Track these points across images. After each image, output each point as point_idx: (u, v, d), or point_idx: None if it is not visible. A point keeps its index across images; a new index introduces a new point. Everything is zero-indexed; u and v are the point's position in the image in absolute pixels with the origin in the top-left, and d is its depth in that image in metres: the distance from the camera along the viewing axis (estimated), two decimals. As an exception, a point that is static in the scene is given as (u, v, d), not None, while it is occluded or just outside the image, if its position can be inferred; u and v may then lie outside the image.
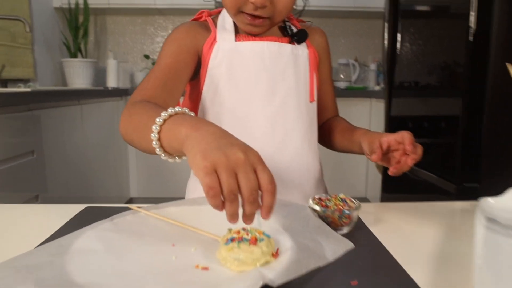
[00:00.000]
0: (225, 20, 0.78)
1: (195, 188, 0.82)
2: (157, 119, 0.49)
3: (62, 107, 1.76)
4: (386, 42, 2.03)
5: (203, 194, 0.74)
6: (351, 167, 2.70)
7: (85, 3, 2.71)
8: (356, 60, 3.08)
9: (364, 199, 2.77)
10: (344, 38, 3.20)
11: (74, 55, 2.75)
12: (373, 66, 3.03)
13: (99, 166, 2.19)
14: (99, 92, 2.18)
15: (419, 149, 0.63)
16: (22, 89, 1.77)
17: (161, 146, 0.50)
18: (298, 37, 0.80)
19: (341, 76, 3.06)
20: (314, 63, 0.82)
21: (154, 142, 0.50)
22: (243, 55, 0.75)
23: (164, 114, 0.49)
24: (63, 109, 1.77)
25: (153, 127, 0.49)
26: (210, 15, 0.81)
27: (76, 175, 1.89)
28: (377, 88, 2.92)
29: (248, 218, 0.42)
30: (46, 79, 2.66)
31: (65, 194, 1.76)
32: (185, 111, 0.51)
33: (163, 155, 0.51)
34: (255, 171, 0.41)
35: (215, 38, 0.75)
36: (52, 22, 2.76)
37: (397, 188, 2.02)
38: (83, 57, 2.81)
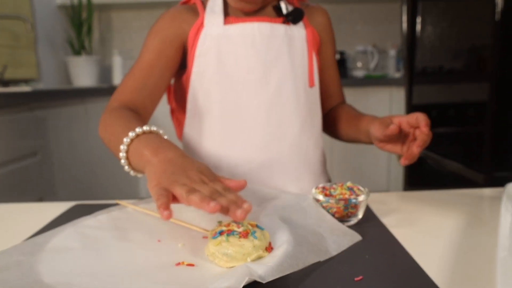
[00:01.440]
0: (215, 2, 0.74)
1: None
2: (125, 139, 0.55)
3: (65, 106, 1.76)
4: (404, 26, 1.97)
5: None
6: (372, 160, 2.64)
7: (88, -1, 2.73)
8: (374, 47, 3.01)
9: (387, 195, 2.70)
10: (361, 24, 3.14)
11: (78, 53, 2.77)
12: (392, 52, 2.95)
13: (106, 166, 2.20)
14: (104, 90, 2.18)
15: (429, 137, 0.58)
16: (21, 88, 1.78)
17: (129, 163, 0.56)
18: (293, 17, 0.75)
19: (359, 64, 2.99)
20: (314, 44, 0.78)
21: (122, 161, 0.56)
22: (232, 39, 0.72)
23: (131, 134, 0.55)
24: (67, 109, 1.77)
25: (121, 146, 0.55)
26: None
27: (82, 176, 1.90)
28: (397, 75, 2.85)
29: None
30: (50, 78, 2.68)
31: (73, 195, 1.77)
32: (152, 129, 0.56)
33: (131, 172, 0.58)
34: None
35: (202, 23, 0.72)
36: (55, 20, 2.78)
37: (421, 181, 1.96)
38: (87, 55, 2.83)
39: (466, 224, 0.53)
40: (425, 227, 0.53)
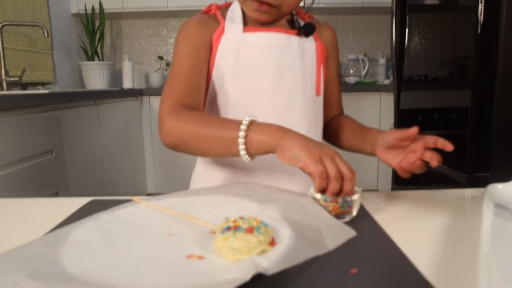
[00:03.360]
0: (234, 13, 0.75)
1: (199, 178, 0.81)
2: (241, 133, 0.57)
3: (79, 107, 1.77)
4: (394, 36, 1.98)
5: (207, 184, 0.73)
6: (362, 160, 2.64)
7: (101, 8, 2.73)
8: (365, 55, 3.02)
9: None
10: (353, 34, 3.15)
11: (91, 59, 2.77)
12: (382, 61, 2.97)
13: (116, 164, 2.20)
14: (114, 92, 2.19)
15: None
16: (39, 91, 1.78)
17: (246, 149, 0.58)
18: (305, 30, 0.77)
19: (351, 71, 3.00)
20: (322, 56, 0.79)
21: (242, 152, 0.58)
22: (250, 46, 0.73)
23: (243, 127, 0.57)
24: (80, 110, 1.78)
25: (240, 140, 0.57)
26: (219, 8, 0.79)
27: (94, 172, 1.90)
28: (386, 82, 2.86)
29: (347, 194, 0.52)
30: (65, 82, 2.68)
31: (85, 191, 1.77)
32: (254, 119, 0.59)
33: (248, 158, 0.59)
34: None
35: (223, 29, 0.73)
36: (70, 27, 2.79)
37: (408, 180, 1.97)
38: (99, 60, 2.83)
39: (451, 221, 0.54)
40: (414, 224, 0.54)
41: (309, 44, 0.78)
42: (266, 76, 0.73)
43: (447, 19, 1.59)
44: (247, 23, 0.75)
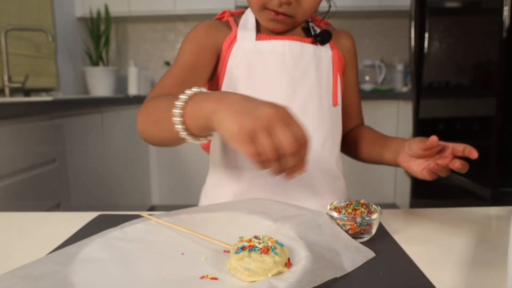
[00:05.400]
0: (248, 21, 0.77)
1: (210, 192, 0.81)
2: (177, 102, 0.50)
3: (83, 115, 1.80)
4: (413, 41, 1.98)
5: (218, 199, 0.73)
6: (379, 172, 2.64)
7: (107, 12, 2.78)
8: (382, 61, 3.02)
9: (392, 206, 2.70)
10: (369, 38, 3.15)
11: (95, 64, 2.82)
12: (400, 67, 2.97)
13: (120, 174, 2.22)
14: (120, 100, 2.22)
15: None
16: (43, 98, 1.82)
17: (187, 129, 0.51)
18: (321, 38, 0.78)
19: (367, 78, 3.01)
20: (339, 65, 0.80)
21: (178, 126, 0.51)
22: (263, 54, 0.74)
23: (183, 97, 0.50)
24: (84, 117, 1.81)
25: (174, 110, 0.50)
26: (232, 15, 0.80)
27: (98, 183, 1.92)
28: (404, 89, 2.85)
29: (293, 171, 0.44)
30: (68, 88, 2.73)
31: (87, 202, 1.79)
32: (203, 90, 0.52)
33: (188, 137, 0.52)
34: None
35: (235, 37, 0.75)
36: (74, 31, 2.84)
37: (427, 193, 1.96)
38: (104, 65, 2.88)
39: (475, 243, 0.54)
40: (436, 244, 0.54)
41: (325, 52, 0.78)
42: (279, 86, 0.74)
43: (469, 23, 1.60)
44: (260, 31, 0.77)
